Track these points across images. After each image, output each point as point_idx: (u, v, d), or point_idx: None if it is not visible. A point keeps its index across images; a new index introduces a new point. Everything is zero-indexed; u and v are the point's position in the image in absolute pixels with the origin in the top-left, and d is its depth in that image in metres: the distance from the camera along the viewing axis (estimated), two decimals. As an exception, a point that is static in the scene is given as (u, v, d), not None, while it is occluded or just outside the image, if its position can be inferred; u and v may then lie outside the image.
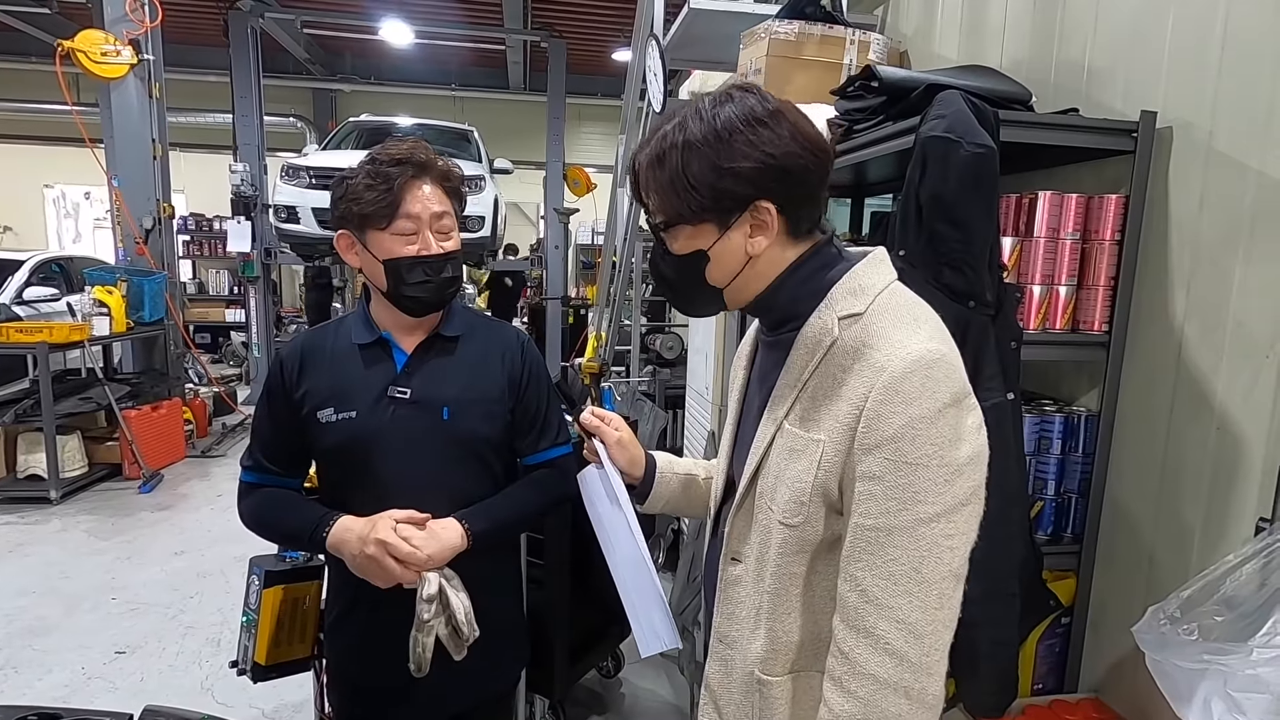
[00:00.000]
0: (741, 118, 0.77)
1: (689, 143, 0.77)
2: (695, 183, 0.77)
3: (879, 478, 0.72)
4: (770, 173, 0.77)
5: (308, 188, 5.86)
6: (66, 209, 11.38)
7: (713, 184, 0.77)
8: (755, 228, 0.80)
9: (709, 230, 0.80)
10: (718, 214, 0.79)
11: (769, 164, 0.76)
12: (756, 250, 0.80)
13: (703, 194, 0.78)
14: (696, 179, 0.77)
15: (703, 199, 0.78)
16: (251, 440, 1.34)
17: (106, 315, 4.79)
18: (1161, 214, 1.40)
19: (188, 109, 9.18)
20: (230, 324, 9.83)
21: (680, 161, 0.77)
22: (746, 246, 0.80)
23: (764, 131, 0.76)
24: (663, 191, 0.80)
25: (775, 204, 0.78)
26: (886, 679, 0.72)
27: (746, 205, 0.78)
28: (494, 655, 1.38)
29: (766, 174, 0.76)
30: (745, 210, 0.79)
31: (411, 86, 10.45)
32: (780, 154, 0.76)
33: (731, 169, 0.76)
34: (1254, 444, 1.23)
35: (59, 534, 3.97)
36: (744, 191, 0.77)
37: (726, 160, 0.76)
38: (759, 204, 0.78)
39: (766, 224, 0.79)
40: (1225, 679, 0.93)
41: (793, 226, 0.81)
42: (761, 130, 0.76)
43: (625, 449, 1.04)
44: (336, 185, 1.24)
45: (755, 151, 0.76)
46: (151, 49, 5.26)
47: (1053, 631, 1.54)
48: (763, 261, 0.81)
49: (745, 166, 0.76)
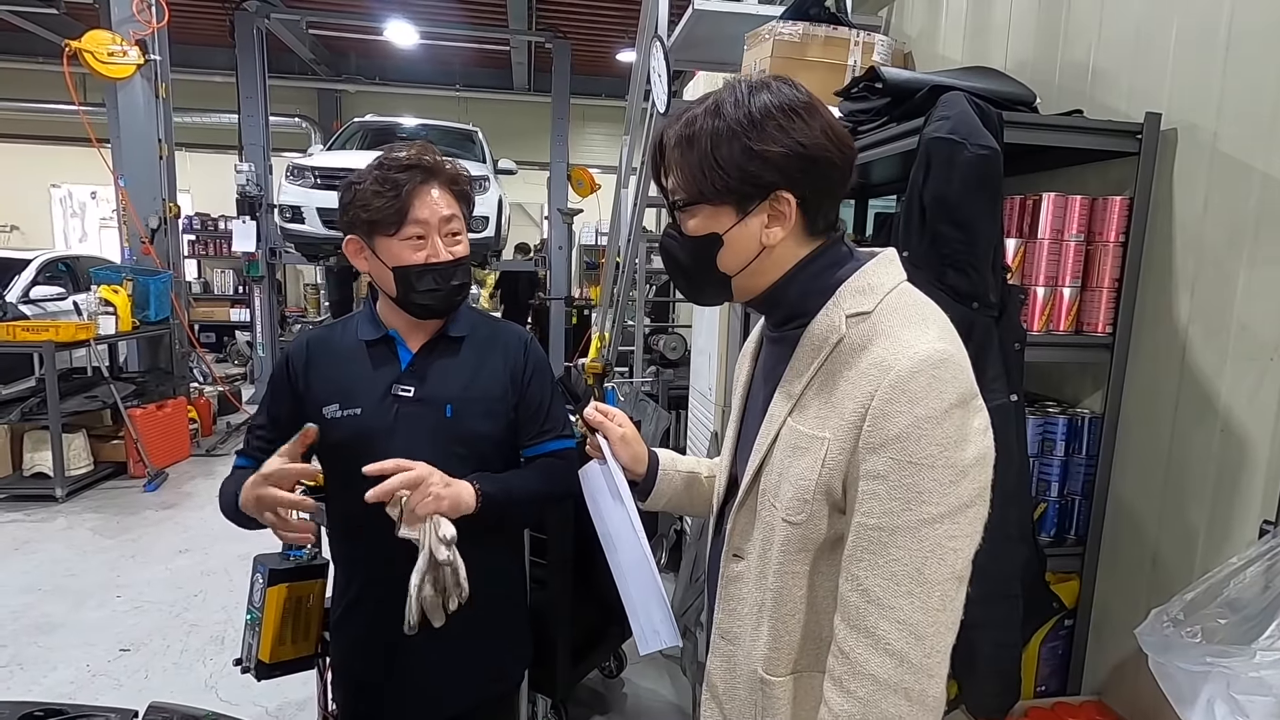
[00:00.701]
0: (777, 105, 0.77)
1: (721, 124, 0.77)
2: (723, 162, 0.77)
3: (883, 477, 0.72)
4: (798, 161, 0.77)
5: (313, 188, 5.88)
6: (73, 208, 11.43)
7: (741, 165, 0.77)
8: (773, 218, 0.80)
9: (727, 214, 0.80)
10: (739, 198, 0.79)
11: (798, 153, 0.76)
12: (771, 241, 0.80)
13: (729, 174, 0.78)
14: (725, 159, 0.77)
15: (728, 179, 0.78)
16: (249, 430, 1.35)
17: (112, 314, 4.81)
18: (1166, 216, 1.40)
19: (193, 109, 9.22)
20: (235, 323, 9.87)
21: (710, 141, 0.78)
22: (762, 236, 0.80)
23: (798, 121, 0.77)
24: (688, 169, 0.80)
25: (796, 196, 0.78)
26: (886, 680, 0.72)
27: (768, 193, 0.78)
28: (497, 654, 1.39)
29: (794, 162, 0.77)
30: (766, 199, 0.79)
31: (416, 87, 10.48)
32: (810, 144, 0.77)
33: (761, 152, 0.76)
34: (1258, 446, 1.23)
35: (64, 532, 3.99)
36: (770, 177, 0.77)
37: (758, 143, 0.76)
38: (780, 194, 0.78)
39: (784, 215, 0.79)
40: (1228, 681, 0.93)
41: (809, 222, 0.81)
42: (795, 119, 0.77)
43: (628, 445, 1.04)
44: (345, 190, 1.24)
45: (787, 138, 0.76)
46: (158, 49, 5.29)
47: (1056, 633, 1.53)
48: (775, 253, 0.81)
49: (775, 152, 0.76)
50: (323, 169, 5.94)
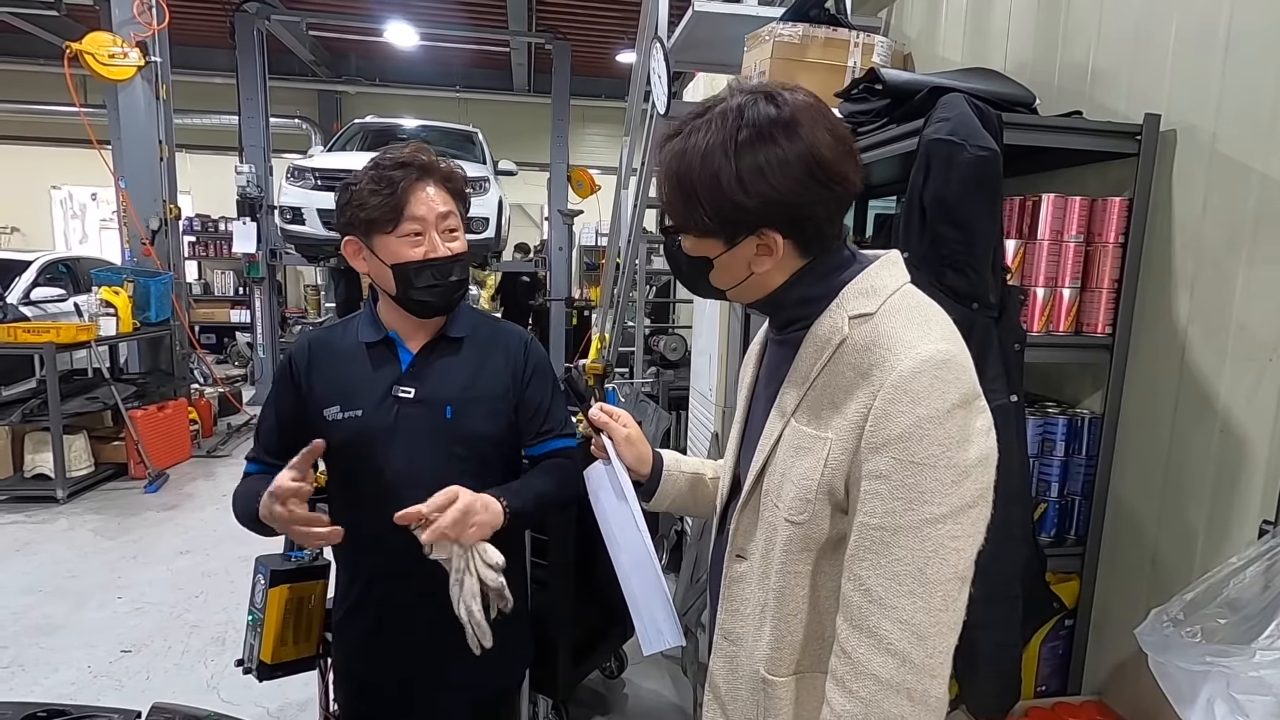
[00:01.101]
0: (761, 138, 0.74)
1: (706, 158, 0.75)
2: (704, 204, 0.77)
3: (885, 477, 0.72)
4: (776, 207, 0.76)
5: (313, 189, 5.89)
6: (74, 210, 11.44)
7: (719, 210, 0.76)
8: (761, 249, 0.79)
9: (714, 243, 0.80)
10: (724, 235, 0.79)
11: (774, 199, 0.75)
12: (760, 269, 0.80)
13: (709, 217, 0.77)
14: (705, 202, 0.76)
15: (708, 221, 0.78)
16: (256, 434, 1.36)
17: (113, 315, 4.82)
18: (1165, 217, 1.41)
19: (193, 110, 9.22)
20: (235, 324, 9.87)
21: (693, 181, 0.76)
22: (750, 264, 0.80)
23: (776, 154, 0.74)
24: (673, 197, 0.80)
25: (782, 235, 0.78)
26: (889, 680, 0.72)
27: (753, 230, 0.78)
28: (497, 653, 1.39)
29: (773, 208, 0.75)
30: (752, 234, 0.78)
31: (416, 88, 10.48)
32: (786, 190, 0.74)
33: (736, 203, 0.75)
34: (1258, 446, 1.23)
35: (66, 533, 3.99)
36: (752, 220, 0.77)
37: (736, 191, 0.74)
38: (765, 231, 0.78)
39: (772, 249, 0.79)
40: (1228, 681, 0.93)
41: (801, 248, 0.80)
42: (774, 153, 0.74)
43: (633, 445, 1.05)
44: (341, 192, 1.25)
45: (763, 184, 0.74)
46: (159, 51, 5.29)
47: (1056, 634, 1.54)
48: (768, 274, 0.82)
49: (751, 203, 0.75)
50: (323, 170, 5.94)
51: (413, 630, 1.29)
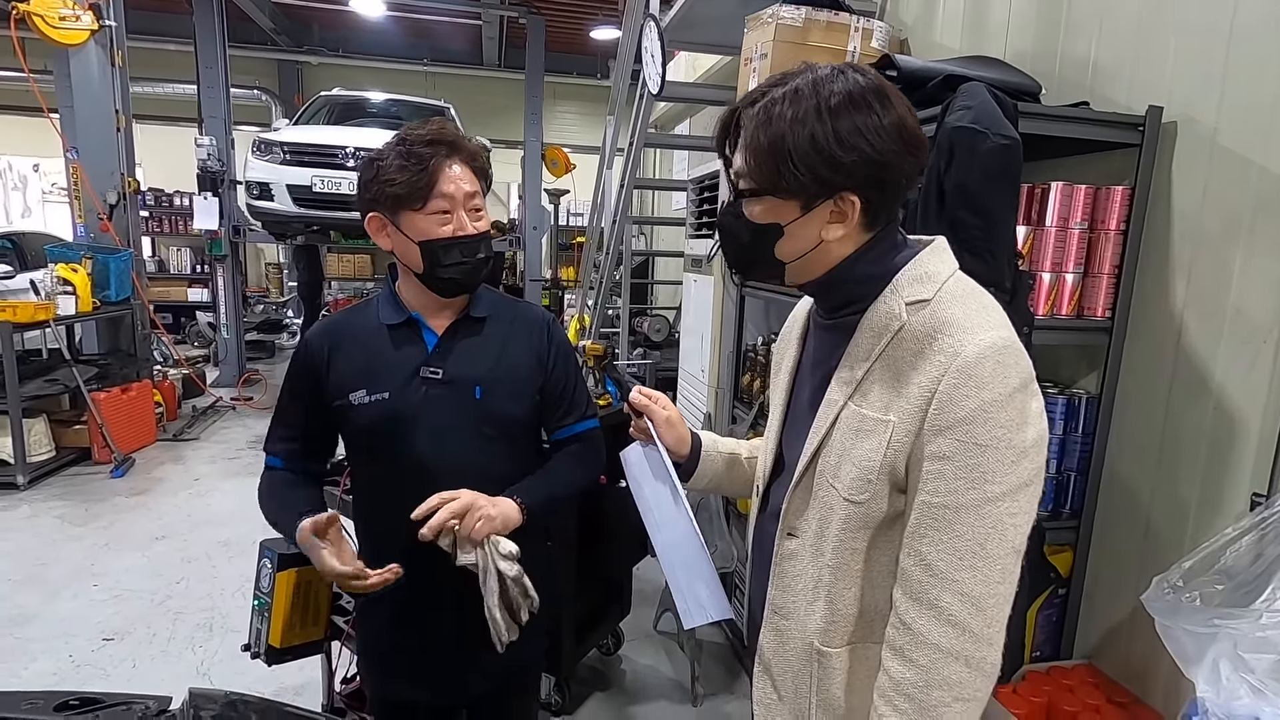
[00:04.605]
0: (856, 105, 0.77)
1: (799, 121, 0.77)
2: (797, 162, 0.77)
3: (949, 458, 0.75)
4: (870, 169, 0.77)
5: (281, 164, 5.69)
6: (14, 181, 10.84)
7: (812, 167, 0.77)
8: (835, 215, 0.81)
9: (792, 208, 0.81)
10: (807, 196, 0.80)
11: (872, 159, 0.77)
12: (831, 237, 0.82)
13: (802, 175, 0.78)
14: (799, 159, 0.77)
15: (800, 179, 0.78)
16: (273, 425, 1.34)
17: (72, 294, 4.61)
18: (1164, 205, 1.47)
19: (144, 79, 8.78)
20: (193, 304, 9.53)
21: (787, 138, 0.77)
22: (822, 231, 0.82)
23: (873, 121, 0.77)
24: (760, 158, 0.80)
25: (861, 199, 0.80)
26: (949, 648, 0.76)
27: (835, 193, 0.80)
28: (521, 636, 1.40)
29: (866, 169, 0.77)
30: (832, 198, 0.80)
31: (382, 60, 10.16)
32: (884, 151, 0.77)
33: (837, 158, 0.77)
34: (1250, 423, 1.31)
35: (30, 520, 3.84)
36: (840, 181, 0.78)
37: (835, 147, 0.76)
38: (846, 195, 0.79)
39: (847, 215, 0.81)
40: (1235, 641, 1.00)
41: (870, 219, 0.82)
42: (871, 119, 0.77)
43: (673, 427, 1.07)
44: (366, 167, 1.23)
45: (862, 142, 0.76)
46: (113, 14, 5.02)
47: (1050, 602, 1.62)
48: (833, 246, 0.83)
49: (848, 159, 0.77)
50: (292, 144, 5.74)
51: (440, 609, 1.30)
